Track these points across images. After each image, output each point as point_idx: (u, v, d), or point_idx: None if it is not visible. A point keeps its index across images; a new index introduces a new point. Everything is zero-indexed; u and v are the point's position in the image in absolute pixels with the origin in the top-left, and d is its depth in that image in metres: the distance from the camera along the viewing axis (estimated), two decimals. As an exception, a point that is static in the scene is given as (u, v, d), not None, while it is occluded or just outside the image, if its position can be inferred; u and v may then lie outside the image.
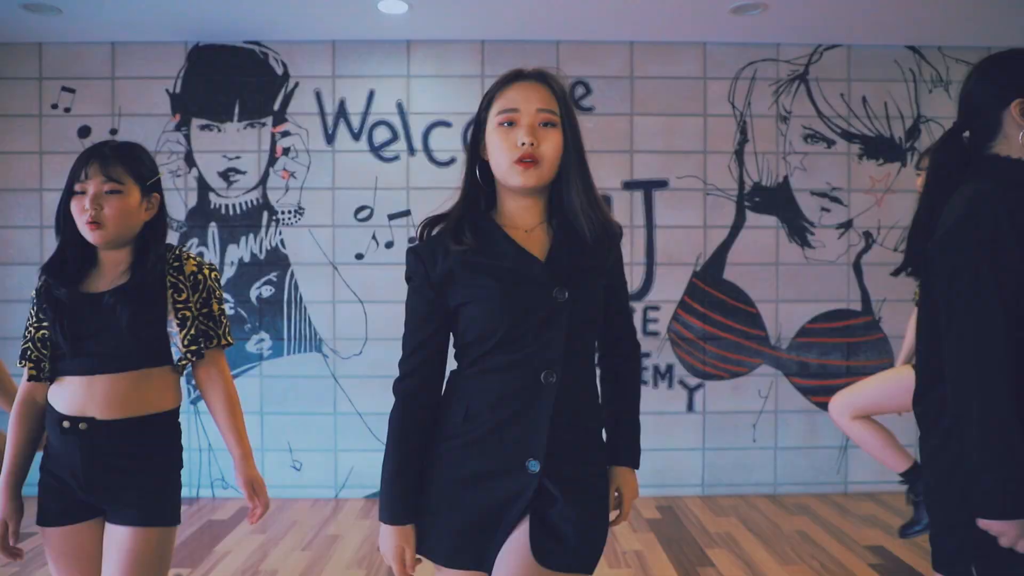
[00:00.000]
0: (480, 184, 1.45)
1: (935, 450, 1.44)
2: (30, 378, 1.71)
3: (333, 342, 4.21)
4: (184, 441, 1.86)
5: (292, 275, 4.21)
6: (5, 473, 1.72)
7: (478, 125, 1.44)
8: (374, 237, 4.21)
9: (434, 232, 1.45)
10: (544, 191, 1.42)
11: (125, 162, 1.70)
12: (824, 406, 4.23)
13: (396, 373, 1.44)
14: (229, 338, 1.82)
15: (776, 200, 4.28)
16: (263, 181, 4.21)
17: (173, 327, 1.75)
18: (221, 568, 3.19)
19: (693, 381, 4.27)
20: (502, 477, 1.36)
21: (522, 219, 1.42)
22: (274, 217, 4.21)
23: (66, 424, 1.65)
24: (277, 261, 4.20)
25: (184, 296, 1.74)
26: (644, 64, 4.25)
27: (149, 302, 1.71)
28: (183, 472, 1.83)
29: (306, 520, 3.84)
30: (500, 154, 1.37)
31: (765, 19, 3.89)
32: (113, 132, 4.18)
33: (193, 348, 1.73)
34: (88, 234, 1.66)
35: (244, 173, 4.19)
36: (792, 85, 4.29)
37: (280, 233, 4.21)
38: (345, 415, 4.20)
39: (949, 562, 1.39)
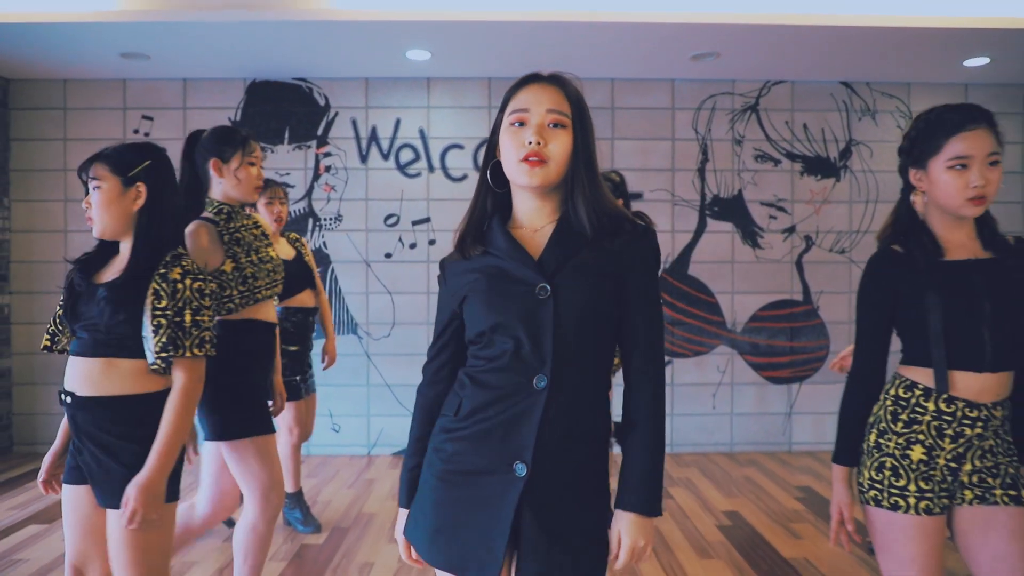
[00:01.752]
0: (491, 186, 1.40)
1: None
2: (43, 347, 1.97)
3: (366, 326, 5.08)
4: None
5: (332, 271, 5.08)
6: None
7: (495, 127, 1.40)
8: (400, 240, 5.08)
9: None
10: (555, 192, 1.36)
11: (104, 158, 1.83)
12: (772, 379, 5.13)
13: (419, 352, 2.10)
14: (196, 350, 1.79)
15: (732, 209, 5.16)
16: (309, 193, 5.08)
17: (148, 330, 1.77)
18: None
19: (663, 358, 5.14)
20: (488, 476, 1.31)
21: (532, 219, 1.38)
22: (318, 223, 5.08)
23: (61, 395, 1.84)
24: (320, 260, 5.06)
25: (164, 303, 1.76)
26: (623, 97, 5.13)
27: (131, 301, 1.76)
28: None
29: (345, 470, 4.72)
30: (509, 152, 1.33)
31: (721, 62, 4.76)
32: (184, 153, 5.05)
33: (163, 355, 1.76)
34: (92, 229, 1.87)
35: (293, 187, 5.06)
36: (745, 114, 5.17)
37: (323, 236, 5.08)
38: (376, 386, 5.08)
39: None
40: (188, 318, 1.78)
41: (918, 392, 1.62)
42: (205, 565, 3.16)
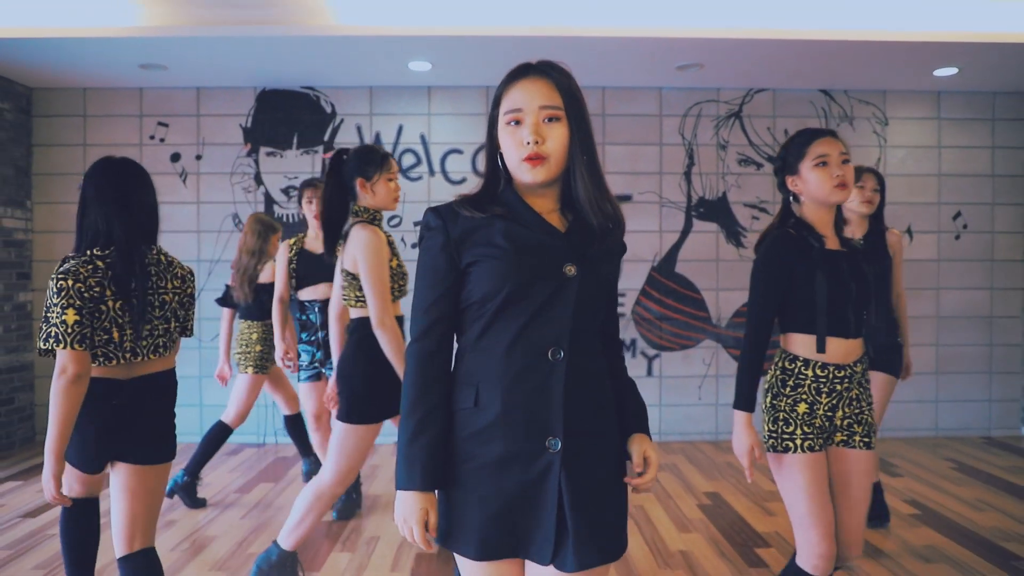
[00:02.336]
0: (499, 174, 1.44)
1: None
2: None
3: (370, 322, 5.36)
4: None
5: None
6: None
7: (492, 121, 1.42)
8: (403, 240, 5.36)
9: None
10: (557, 182, 1.40)
11: None
12: (754, 371, 5.41)
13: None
14: (41, 343, 1.98)
15: (716, 211, 5.45)
16: (315, 196, 5.36)
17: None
18: (298, 482, 4.35)
19: (652, 352, 5.44)
20: (525, 460, 1.32)
21: (540, 204, 1.41)
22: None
23: None
24: (326, 258, 5.34)
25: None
26: (613, 105, 5.42)
27: None
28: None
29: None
30: (510, 152, 1.37)
31: (705, 71, 5.03)
32: (198, 158, 5.34)
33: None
34: None
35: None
36: (729, 121, 5.45)
37: (329, 237, 5.35)
38: (380, 379, 5.35)
39: None
40: (45, 312, 2.00)
41: (799, 363, 2.06)
42: (224, 539, 3.44)
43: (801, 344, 2.05)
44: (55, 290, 1.97)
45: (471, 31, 4.25)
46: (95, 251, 2.08)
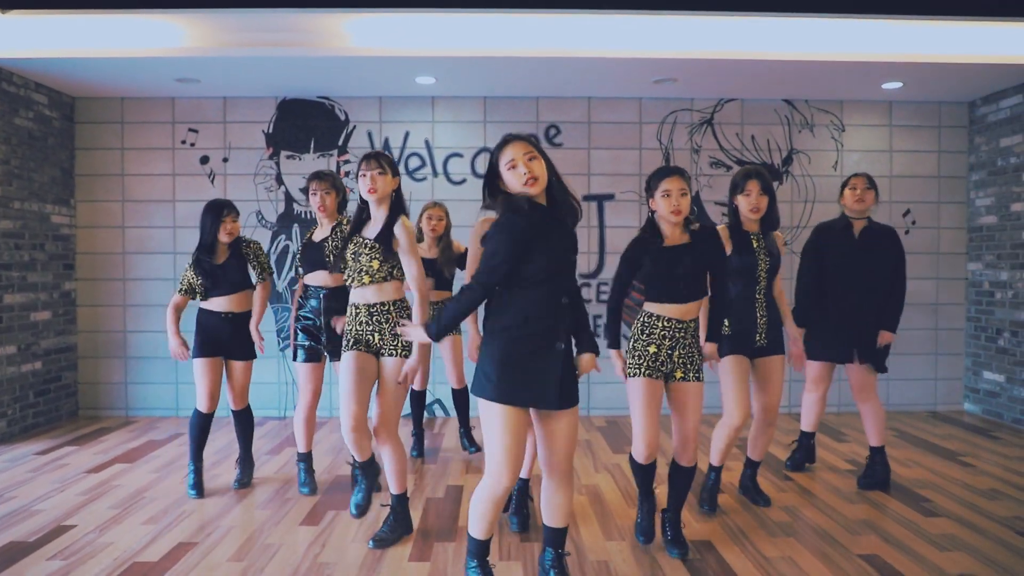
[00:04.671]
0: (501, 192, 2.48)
1: None
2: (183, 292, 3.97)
3: (380, 308, 5.96)
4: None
5: (351, 261, 5.96)
6: None
7: (492, 167, 2.45)
8: (409, 234, 5.96)
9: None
10: (542, 195, 2.44)
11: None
12: (724, 352, 6.04)
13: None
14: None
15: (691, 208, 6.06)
16: (331, 195, 5.95)
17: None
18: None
19: (632, 335, 6.06)
20: (544, 352, 2.42)
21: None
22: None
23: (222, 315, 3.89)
24: (340, 251, 5.94)
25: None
26: (598, 113, 6.03)
27: None
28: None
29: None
30: (514, 182, 2.39)
31: (680, 84, 5.64)
32: (225, 160, 5.93)
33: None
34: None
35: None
36: (702, 127, 6.07)
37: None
38: (388, 359, 5.96)
39: None
40: None
41: (653, 318, 3.03)
42: (265, 487, 4.07)
43: (653, 307, 3.02)
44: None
45: (472, 52, 4.85)
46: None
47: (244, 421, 4.12)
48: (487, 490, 2.46)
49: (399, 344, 3.19)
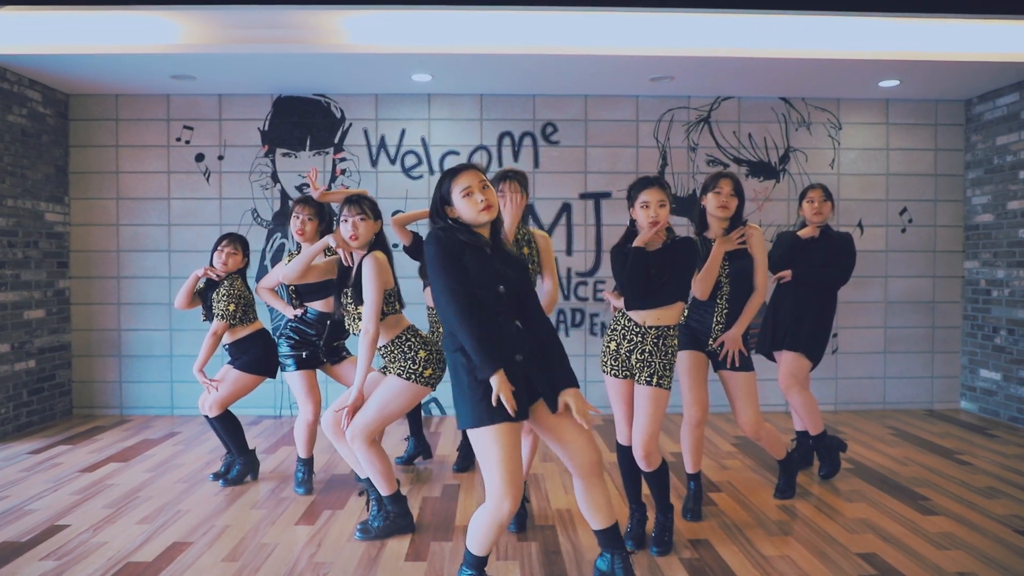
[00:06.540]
0: (449, 221, 2.51)
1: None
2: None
3: (376, 306, 5.94)
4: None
5: (347, 259, 5.94)
6: None
7: (443, 196, 2.47)
8: (405, 232, 5.94)
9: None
10: (486, 228, 2.51)
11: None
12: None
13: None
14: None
15: (687, 207, 6.06)
16: (326, 193, 5.93)
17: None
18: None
19: (629, 334, 6.04)
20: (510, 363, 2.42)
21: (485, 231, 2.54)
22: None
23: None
24: (336, 249, 5.91)
25: None
26: (595, 111, 6.01)
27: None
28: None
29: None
30: (468, 209, 2.43)
31: (677, 82, 5.63)
32: (220, 158, 5.90)
33: None
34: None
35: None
36: (699, 125, 6.06)
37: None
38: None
39: None
40: None
41: (624, 321, 3.11)
42: (260, 486, 4.04)
43: (632, 313, 3.10)
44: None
45: (468, 49, 4.83)
46: None
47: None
48: (489, 515, 2.39)
49: (402, 368, 3.19)
